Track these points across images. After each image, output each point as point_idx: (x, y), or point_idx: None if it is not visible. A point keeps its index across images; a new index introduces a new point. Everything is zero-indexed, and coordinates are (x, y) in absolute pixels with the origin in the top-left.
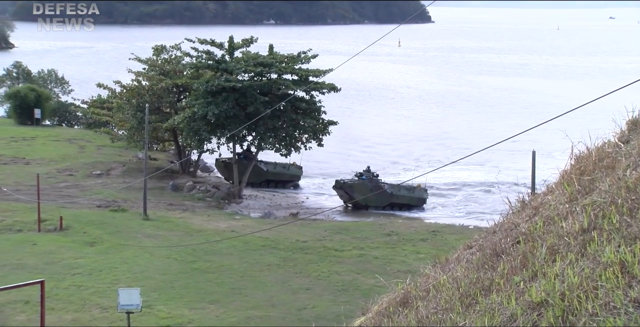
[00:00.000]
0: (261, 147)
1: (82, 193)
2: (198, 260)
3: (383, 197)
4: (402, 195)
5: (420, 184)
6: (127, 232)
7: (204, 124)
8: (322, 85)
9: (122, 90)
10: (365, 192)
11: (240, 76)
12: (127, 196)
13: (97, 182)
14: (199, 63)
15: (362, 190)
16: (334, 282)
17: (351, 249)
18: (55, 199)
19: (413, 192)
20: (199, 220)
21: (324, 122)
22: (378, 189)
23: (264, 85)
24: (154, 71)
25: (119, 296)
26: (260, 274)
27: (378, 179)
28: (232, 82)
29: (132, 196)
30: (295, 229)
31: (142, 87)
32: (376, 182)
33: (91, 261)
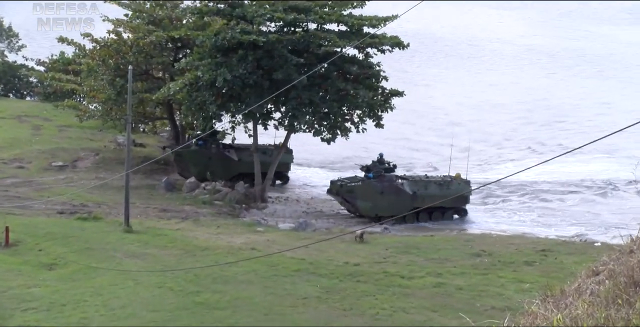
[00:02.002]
0: (293, 127)
1: (38, 194)
2: (203, 290)
3: (401, 201)
4: (430, 194)
5: (459, 174)
6: (101, 250)
7: (211, 95)
8: (381, 40)
9: (95, 46)
10: (375, 198)
11: (263, 27)
12: (101, 198)
13: (59, 178)
14: (205, 8)
15: (368, 195)
16: (399, 324)
17: (424, 275)
18: (0, 202)
19: (448, 187)
20: (204, 233)
21: (384, 92)
22: (394, 192)
23: (298, 41)
24: (141, 19)
25: None
26: (293, 312)
27: (393, 175)
28: (252, 35)
29: (108, 198)
30: (342, 247)
31: (124, 42)
32: (391, 181)
33: (50, 292)
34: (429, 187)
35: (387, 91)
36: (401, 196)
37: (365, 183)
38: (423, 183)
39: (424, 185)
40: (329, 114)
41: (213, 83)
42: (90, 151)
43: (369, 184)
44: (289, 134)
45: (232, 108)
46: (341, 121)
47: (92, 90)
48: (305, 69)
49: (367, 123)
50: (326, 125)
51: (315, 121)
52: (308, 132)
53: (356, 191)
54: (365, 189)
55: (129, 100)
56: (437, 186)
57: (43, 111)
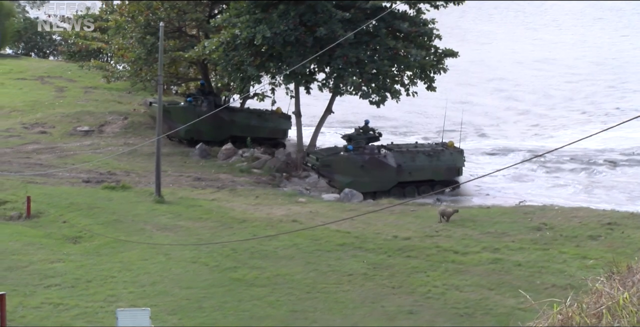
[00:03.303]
0: (339, 89)
1: (62, 161)
2: (240, 266)
3: (385, 175)
4: (418, 167)
5: (452, 142)
6: (130, 222)
7: (249, 54)
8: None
9: (124, 1)
10: (355, 173)
11: None
12: (130, 165)
13: (85, 144)
14: None
15: (347, 169)
16: (453, 302)
17: (479, 250)
18: (21, 170)
19: (438, 158)
20: (241, 204)
21: (437, 52)
22: (376, 165)
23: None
24: None
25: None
26: (338, 289)
27: (375, 146)
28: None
29: (138, 165)
30: (391, 220)
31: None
32: (372, 154)
33: (74, 267)
34: (416, 158)
35: (440, 51)
36: (384, 169)
37: (343, 156)
38: (409, 154)
39: (410, 156)
40: (378, 74)
41: (251, 41)
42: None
43: (348, 157)
44: (333, 96)
45: (272, 68)
46: (390, 83)
47: (121, 49)
48: (352, 26)
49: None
50: (374, 87)
51: (362, 82)
52: (355, 94)
53: (333, 164)
54: (343, 163)
55: (160, 60)
56: (425, 156)
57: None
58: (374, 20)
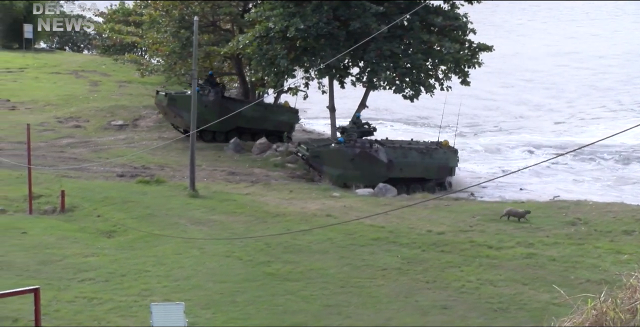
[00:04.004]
0: (372, 83)
1: (96, 155)
2: (274, 260)
3: (375, 170)
4: (410, 163)
5: (446, 141)
6: (164, 217)
7: (283, 48)
8: None
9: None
10: (344, 166)
11: None
12: (164, 159)
13: (119, 138)
14: None
15: (337, 162)
16: (487, 297)
17: (514, 245)
18: (55, 164)
19: (431, 156)
20: (275, 198)
21: (471, 46)
22: (366, 159)
23: None
24: None
25: (152, 314)
26: (371, 284)
27: (367, 140)
28: None
29: (172, 159)
30: (425, 215)
31: None
32: (363, 147)
33: (108, 261)
34: (408, 155)
35: (474, 45)
36: (375, 164)
37: (333, 148)
38: (402, 150)
39: (402, 153)
40: (412, 69)
41: (285, 34)
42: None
43: (338, 149)
44: (367, 90)
45: (305, 62)
46: (424, 77)
47: (155, 43)
48: (386, 19)
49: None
50: (408, 82)
51: (396, 77)
52: (388, 89)
53: (323, 156)
54: (333, 155)
55: (194, 54)
56: (418, 154)
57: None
58: (408, 15)
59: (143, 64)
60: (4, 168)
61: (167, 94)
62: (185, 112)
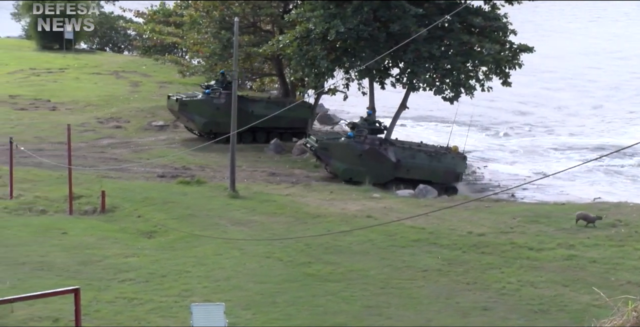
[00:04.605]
0: (412, 85)
1: (136, 156)
2: (314, 261)
3: (382, 168)
4: (417, 165)
5: (456, 147)
6: (204, 217)
7: (323, 49)
8: None
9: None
10: (352, 161)
11: None
12: (204, 160)
13: (159, 138)
14: None
15: (345, 156)
16: (527, 299)
17: (554, 247)
18: (96, 165)
19: (439, 160)
20: (316, 199)
21: (512, 47)
22: (375, 157)
23: None
24: None
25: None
26: (412, 285)
27: (377, 138)
28: None
29: (212, 160)
30: (466, 216)
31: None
32: (372, 144)
33: (149, 261)
34: (416, 156)
35: (515, 46)
36: (382, 162)
37: (342, 142)
38: (410, 152)
39: (411, 154)
40: (452, 70)
41: (325, 36)
42: None
43: (347, 144)
44: (407, 92)
45: (345, 63)
46: (465, 78)
47: (196, 44)
48: (426, 21)
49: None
50: (448, 83)
51: (436, 78)
52: (429, 90)
53: (331, 149)
54: (341, 149)
55: (235, 55)
56: (426, 156)
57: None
58: (448, 16)
59: (183, 64)
60: (44, 169)
61: (178, 99)
62: (197, 116)
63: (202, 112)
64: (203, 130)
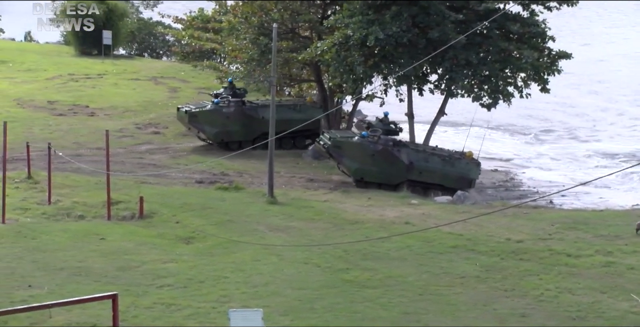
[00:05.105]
0: (450, 91)
1: (174, 161)
2: (352, 267)
3: (394, 169)
4: (429, 168)
5: (471, 153)
6: (242, 223)
7: (361, 55)
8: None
9: (237, 2)
10: (364, 160)
11: None
12: (243, 166)
13: (198, 144)
14: None
15: (357, 155)
16: (565, 306)
17: (592, 253)
18: (134, 170)
19: (452, 165)
20: (354, 205)
21: (551, 54)
22: (387, 158)
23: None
24: None
25: (231, 320)
26: (450, 292)
27: (390, 139)
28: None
29: (251, 166)
30: (504, 222)
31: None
32: (386, 145)
33: (187, 267)
34: (430, 160)
35: (553, 53)
36: (395, 163)
37: (355, 141)
38: (424, 154)
39: (424, 157)
40: (490, 77)
41: (364, 42)
42: None
43: (360, 143)
44: (446, 98)
45: (383, 69)
46: (503, 85)
47: (234, 50)
48: (464, 27)
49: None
50: (487, 90)
51: (475, 85)
52: (467, 96)
53: (344, 147)
54: (354, 148)
55: (273, 61)
56: (440, 160)
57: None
58: (486, 22)
59: (222, 70)
60: (82, 174)
61: (187, 111)
62: (207, 126)
63: (213, 122)
64: (214, 140)
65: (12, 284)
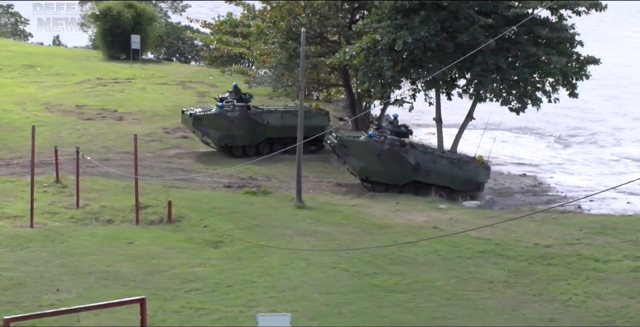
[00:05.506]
0: (479, 96)
1: (203, 166)
2: (380, 272)
3: (400, 170)
4: (437, 170)
5: (481, 156)
6: (270, 227)
7: (389, 60)
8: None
9: (265, 6)
10: (370, 160)
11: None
12: (271, 170)
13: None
14: None
15: (363, 154)
16: (593, 311)
17: (621, 258)
18: (162, 175)
19: (460, 168)
20: (382, 209)
21: (579, 59)
22: (393, 158)
23: (486, 1)
24: None
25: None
26: (478, 297)
27: (397, 139)
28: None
29: (278, 170)
30: (532, 227)
31: (296, 3)
32: (392, 145)
33: (215, 271)
34: (437, 162)
35: (582, 58)
36: (401, 164)
37: (361, 140)
38: (432, 156)
39: (432, 158)
40: (519, 81)
41: (392, 47)
42: None
43: (366, 142)
44: (474, 103)
45: (412, 74)
46: (531, 89)
47: (262, 55)
48: (493, 32)
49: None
50: (515, 94)
51: (503, 89)
52: (495, 101)
53: (350, 146)
54: (360, 147)
55: (301, 65)
56: (448, 163)
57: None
58: (514, 27)
59: (250, 75)
60: (111, 178)
61: (192, 114)
62: (211, 130)
63: (217, 126)
64: (218, 144)
65: (40, 288)
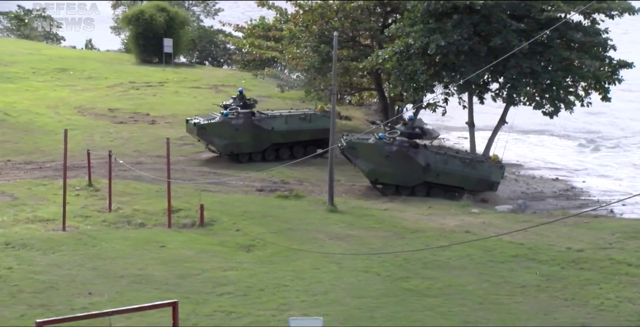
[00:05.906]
0: (512, 99)
1: (235, 170)
2: (412, 276)
3: (410, 171)
4: (448, 170)
5: (496, 156)
6: (302, 231)
7: (422, 64)
8: (610, 5)
9: (298, 10)
10: (378, 162)
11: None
12: (303, 174)
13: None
14: None
15: (372, 156)
16: (626, 315)
17: None
18: (194, 178)
19: (473, 167)
20: (414, 213)
21: (612, 63)
22: (402, 159)
23: (519, 5)
24: None
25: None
26: (510, 301)
27: (405, 140)
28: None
29: (311, 174)
30: (565, 232)
31: (329, 6)
32: (401, 146)
33: (247, 275)
34: (449, 162)
35: (615, 62)
36: (411, 165)
37: (370, 142)
38: (442, 157)
39: (442, 159)
40: (552, 85)
41: (425, 50)
42: None
43: (375, 144)
44: (507, 106)
45: (445, 78)
46: (564, 93)
47: (295, 59)
48: (526, 36)
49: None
50: (548, 98)
51: (536, 93)
52: (528, 105)
53: (359, 148)
54: (369, 149)
55: (333, 69)
56: (460, 163)
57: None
58: (547, 31)
59: (282, 79)
60: (143, 182)
61: (196, 123)
62: (216, 138)
63: (222, 135)
64: (224, 152)
65: (72, 291)
